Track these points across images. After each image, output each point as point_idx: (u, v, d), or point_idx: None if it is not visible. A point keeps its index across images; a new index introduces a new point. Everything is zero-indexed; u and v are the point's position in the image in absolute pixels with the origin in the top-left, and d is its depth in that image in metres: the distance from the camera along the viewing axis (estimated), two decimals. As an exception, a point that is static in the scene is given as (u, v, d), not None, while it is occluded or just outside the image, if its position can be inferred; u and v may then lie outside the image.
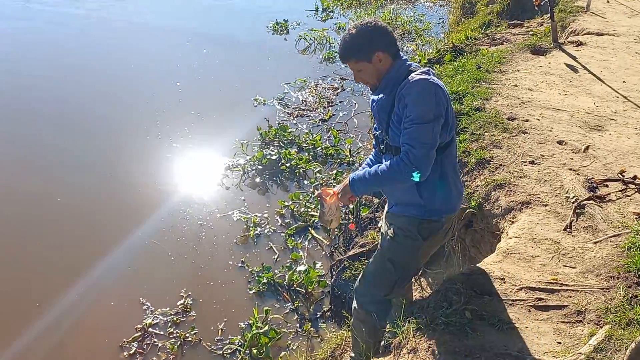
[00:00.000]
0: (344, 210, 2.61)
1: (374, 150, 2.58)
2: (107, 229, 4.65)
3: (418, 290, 3.60)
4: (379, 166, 2.28)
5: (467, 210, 3.24)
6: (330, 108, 6.94)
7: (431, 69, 2.27)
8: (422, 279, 3.69)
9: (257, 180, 5.43)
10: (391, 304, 2.59)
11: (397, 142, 2.22)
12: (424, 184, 2.26)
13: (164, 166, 5.61)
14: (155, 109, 6.60)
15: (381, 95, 2.32)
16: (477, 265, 2.64)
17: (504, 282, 2.45)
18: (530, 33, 6.28)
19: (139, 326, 3.73)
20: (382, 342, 2.72)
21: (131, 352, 3.56)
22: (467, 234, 3.37)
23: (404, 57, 2.30)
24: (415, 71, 2.22)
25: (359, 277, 2.67)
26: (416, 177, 2.14)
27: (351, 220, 2.86)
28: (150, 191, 5.18)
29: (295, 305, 3.98)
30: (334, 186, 2.61)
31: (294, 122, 6.59)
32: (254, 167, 5.56)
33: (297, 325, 3.84)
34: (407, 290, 2.79)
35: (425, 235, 2.37)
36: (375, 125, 2.47)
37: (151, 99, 6.83)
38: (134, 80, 7.46)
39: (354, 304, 2.64)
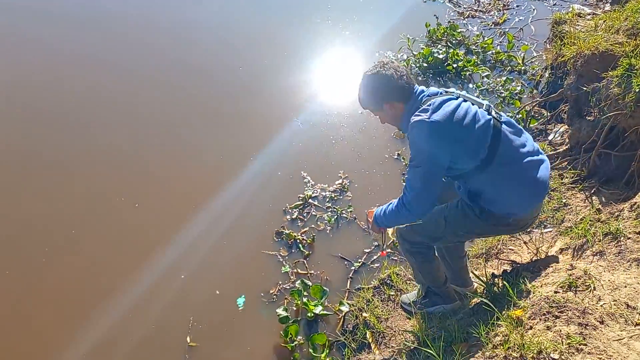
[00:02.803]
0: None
1: None
2: (279, 108, 4.90)
3: (587, 201, 3.40)
4: (389, 205, 2.34)
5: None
6: (505, 11, 6.40)
7: (436, 101, 2.16)
8: (594, 197, 3.47)
9: (420, 78, 5.32)
10: (432, 256, 2.61)
11: None
12: (479, 200, 2.24)
13: (335, 51, 5.71)
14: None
15: None
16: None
17: None
18: None
19: (301, 195, 4.03)
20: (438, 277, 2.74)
21: (293, 216, 3.89)
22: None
23: (417, 91, 2.26)
24: (419, 109, 2.17)
25: None
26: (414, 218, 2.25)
27: (382, 248, 2.98)
28: (320, 72, 5.38)
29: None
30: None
31: (464, 22, 6.22)
32: (418, 64, 5.42)
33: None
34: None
35: (485, 217, 2.28)
36: None
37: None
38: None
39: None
